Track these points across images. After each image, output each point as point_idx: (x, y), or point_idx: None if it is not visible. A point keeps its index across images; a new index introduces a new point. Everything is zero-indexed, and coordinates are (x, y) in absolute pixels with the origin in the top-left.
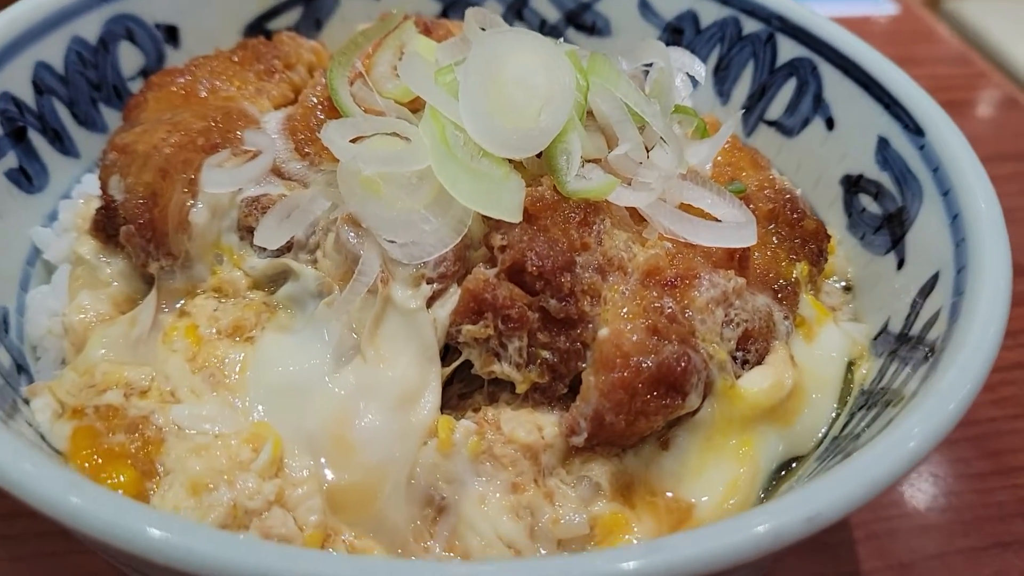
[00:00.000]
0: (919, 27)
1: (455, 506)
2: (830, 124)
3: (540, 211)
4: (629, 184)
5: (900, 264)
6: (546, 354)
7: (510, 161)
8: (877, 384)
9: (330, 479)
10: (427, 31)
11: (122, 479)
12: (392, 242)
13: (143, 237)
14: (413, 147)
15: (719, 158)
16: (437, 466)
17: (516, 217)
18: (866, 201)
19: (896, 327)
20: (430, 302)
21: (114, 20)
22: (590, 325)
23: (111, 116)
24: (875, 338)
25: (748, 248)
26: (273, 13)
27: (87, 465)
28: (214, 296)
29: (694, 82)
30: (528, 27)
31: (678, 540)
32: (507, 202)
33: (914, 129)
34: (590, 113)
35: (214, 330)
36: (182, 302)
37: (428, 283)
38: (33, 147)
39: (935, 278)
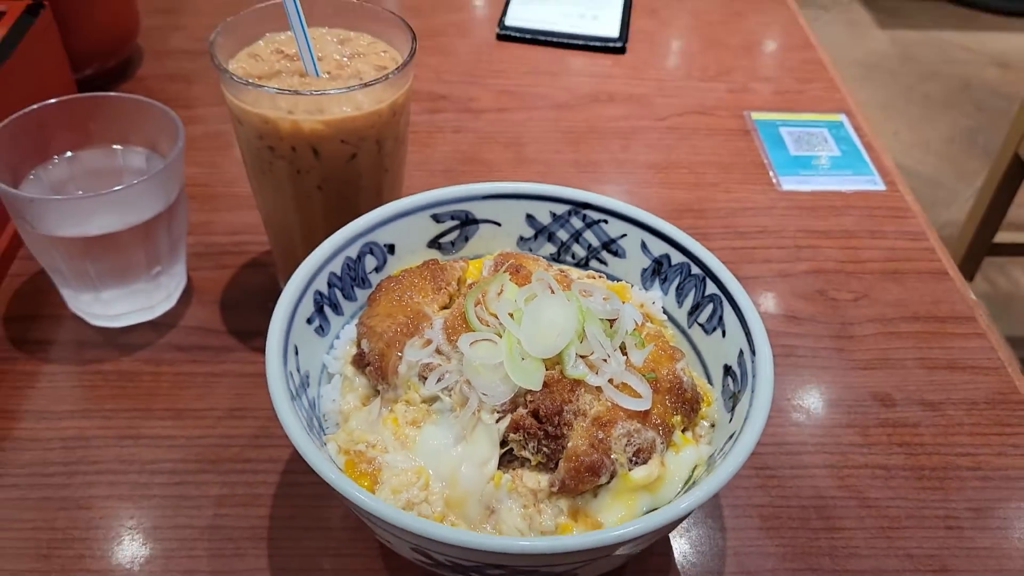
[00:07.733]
0: (898, 203)
1: (498, 511)
2: (723, 334)
3: (551, 382)
4: (596, 371)
5: (731, 420)
6: (545, 449)
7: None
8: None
9: (447, 494)
10: (514, 274)
11: (365, 486)
12: (484, 395)
13: (376, 376)
14: (498, 349)
15: (650, 357)
16: (492, 494)
17: (537, 387)
18: (729, 382)
19: (716, 460)
20: (498, 420)
21: (365, 245)
22: (566, 439)
23: (360, 293)
24: (709, 459)
25: (648, 410)
26: (443, 234)
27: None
28: (405, 403)
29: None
30: (574, 258)
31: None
32: (534, 381)
33: (752, 350)
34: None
35: (405, 422)
36: (392, 406)
37: (497, 413)
38: (325, 314)
39: (726, 441)
